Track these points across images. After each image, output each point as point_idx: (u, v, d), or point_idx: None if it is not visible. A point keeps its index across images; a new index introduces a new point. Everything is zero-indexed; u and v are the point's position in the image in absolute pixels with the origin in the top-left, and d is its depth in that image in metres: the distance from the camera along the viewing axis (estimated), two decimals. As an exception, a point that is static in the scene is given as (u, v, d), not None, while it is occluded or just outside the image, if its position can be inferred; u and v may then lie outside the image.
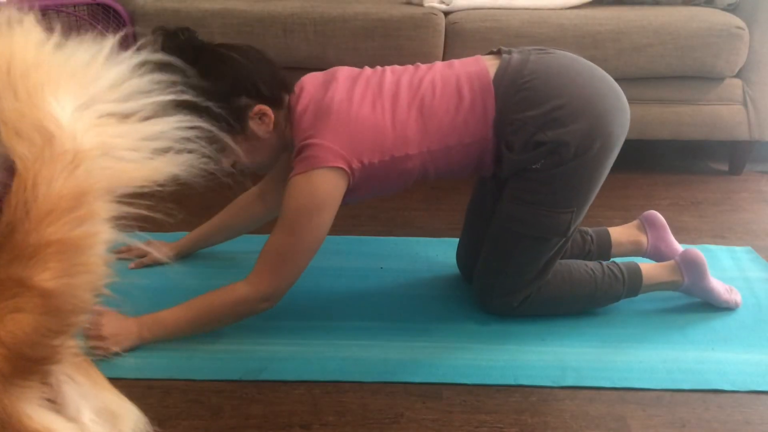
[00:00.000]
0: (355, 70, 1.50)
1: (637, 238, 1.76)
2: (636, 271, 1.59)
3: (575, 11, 2.34)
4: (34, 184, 0.58)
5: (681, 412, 1.31)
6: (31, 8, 0.65)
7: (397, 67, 1.51)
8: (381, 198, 2.21)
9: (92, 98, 0.62)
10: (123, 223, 0.62)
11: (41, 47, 0.62)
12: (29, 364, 0.57)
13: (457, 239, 1.77)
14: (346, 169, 1.38)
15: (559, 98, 1.40)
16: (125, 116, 0.63)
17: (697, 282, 1.60)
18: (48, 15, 2.09)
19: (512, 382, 1.38)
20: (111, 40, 0.65)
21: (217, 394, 1.33)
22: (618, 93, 1.48)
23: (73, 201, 0.58)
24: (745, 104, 2.39)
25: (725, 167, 2.58)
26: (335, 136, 1.38)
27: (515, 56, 1.46)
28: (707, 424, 1.28)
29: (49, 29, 0.65)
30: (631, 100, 2.36)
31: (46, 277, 0.57)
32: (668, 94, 2.37)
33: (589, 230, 1.76)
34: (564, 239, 1.49)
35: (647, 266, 1.61)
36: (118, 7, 2.21)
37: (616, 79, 1.35)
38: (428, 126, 1.41)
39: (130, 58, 0.65)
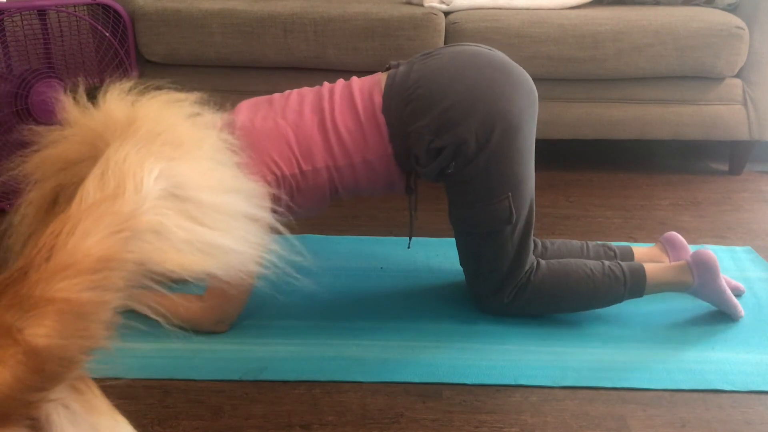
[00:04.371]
0: (261, 97, 1.56)
1: (660, 259, 1.71)
2: (639, 272, 1.56)
3: (575, 11, 2.34)
4: (70, 231, 0.56)
5: (681, 412, 1.31)
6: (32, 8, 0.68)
7: (305, 89, 1.55)
8: (381, 198, 2.21)
9: (187, 197, 0.63)
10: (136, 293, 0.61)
11: (200, 142, 0.68)
12: (4, 415, 0.54)
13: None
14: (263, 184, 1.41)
15: (445, 100, 1.41)
16: (198, 220, 0.64)
17: (707, 284, 1.56)
18: (48, 15, 2.09)
19: (512, 382, 1.38)
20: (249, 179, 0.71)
21: (217, 394, 1.33)
22: (509, 71, 1.46)
23: (96, 263, 0.56)
24: (745, 104, 2.39)
25: (725, 167, 2.58)
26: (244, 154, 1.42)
27: (401, 69, 1.50)
28: (707, 424, 1.28)
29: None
30: (631, 100, 2.39)
31: (38, 332, 0.54)
32: (668, 94, 2.37)
33: (614, 246, 1.73)
34: (520, 224, 1.49)
35: (652, 266, 1.58)
36: (118, 7, 2.21)
37: (616, 80, 1.34)
38: (331, 141, 1.45)
39: (245, 187, 0.70)
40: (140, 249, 0.59)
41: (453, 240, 1.87)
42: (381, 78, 1.51)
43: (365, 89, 1.49)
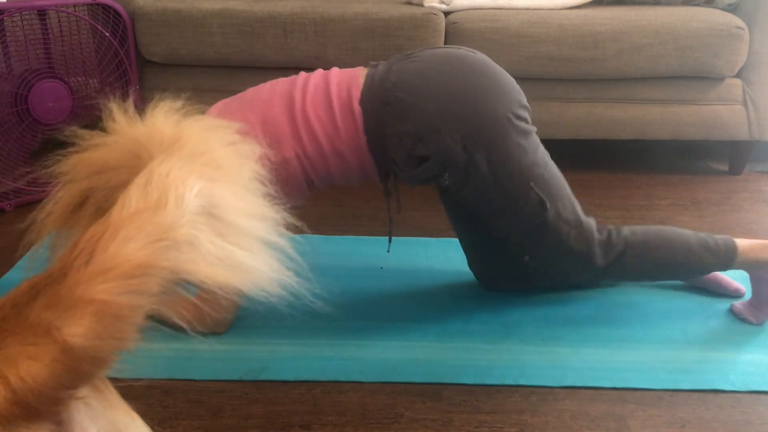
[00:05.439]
0: (234, 96, 1.54)
1: None
2: (731, 245, 1.54)
3: (575, 11, 2.34)
4: (111, 236, 0.58)
5: (681, 412, 1.31)
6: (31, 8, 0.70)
7: (280, 79, 1.53)
8: (381, 198, 2.21)
9: (220, 217, 0.66)
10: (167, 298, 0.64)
11: (238, 169, 0.72)
12: (35, 410, 0.55)
13: (457, 239, 1.77)
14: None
15: (427, 106, 1.39)
16: (230, 239, 0.67)
17: None
18: (48, 15, 2.09)
19: (512, 382, 1.38)
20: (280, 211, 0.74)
21: (217, 394, 1.34)
22: (488, 71, 1.44)
23: (136, 269, 0.58)
24: (745, 104, 2.39)
25: (725, 167, 2.58)
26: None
27: (380, 68, 1.48)
28: (707, 424, 1.28)
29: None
30: (631, 100, 2.39)
31: (76, 332, 0.55)
32: (668, 94, 2.38)
33: None
34: (560, 201, 1.46)
35: (746, 242, 1.56)
36: (118, 7, 2.21)
37: (616, 80, 1.33)
38: (299, 127, 1.43)
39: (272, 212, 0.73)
40: (176, 258, 0.61)
41: (454, 240, 1.87)
42: (360, 73, 1.48)
43: (343, 81, 1.46)
